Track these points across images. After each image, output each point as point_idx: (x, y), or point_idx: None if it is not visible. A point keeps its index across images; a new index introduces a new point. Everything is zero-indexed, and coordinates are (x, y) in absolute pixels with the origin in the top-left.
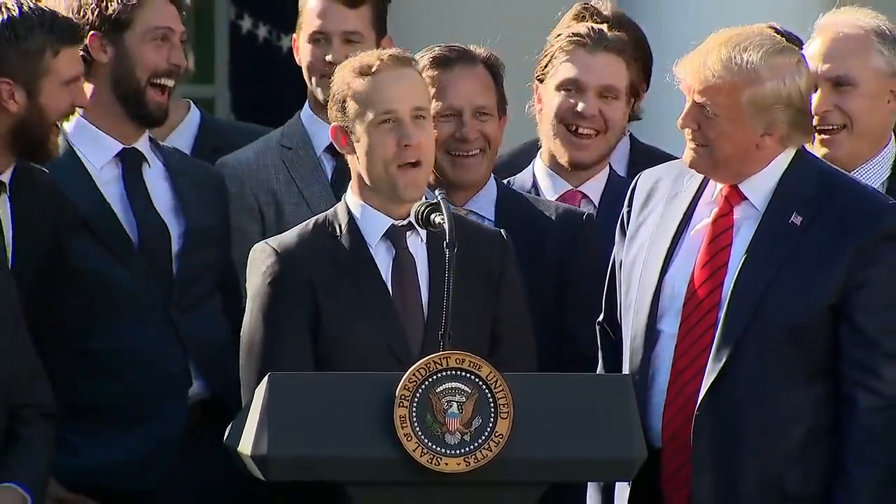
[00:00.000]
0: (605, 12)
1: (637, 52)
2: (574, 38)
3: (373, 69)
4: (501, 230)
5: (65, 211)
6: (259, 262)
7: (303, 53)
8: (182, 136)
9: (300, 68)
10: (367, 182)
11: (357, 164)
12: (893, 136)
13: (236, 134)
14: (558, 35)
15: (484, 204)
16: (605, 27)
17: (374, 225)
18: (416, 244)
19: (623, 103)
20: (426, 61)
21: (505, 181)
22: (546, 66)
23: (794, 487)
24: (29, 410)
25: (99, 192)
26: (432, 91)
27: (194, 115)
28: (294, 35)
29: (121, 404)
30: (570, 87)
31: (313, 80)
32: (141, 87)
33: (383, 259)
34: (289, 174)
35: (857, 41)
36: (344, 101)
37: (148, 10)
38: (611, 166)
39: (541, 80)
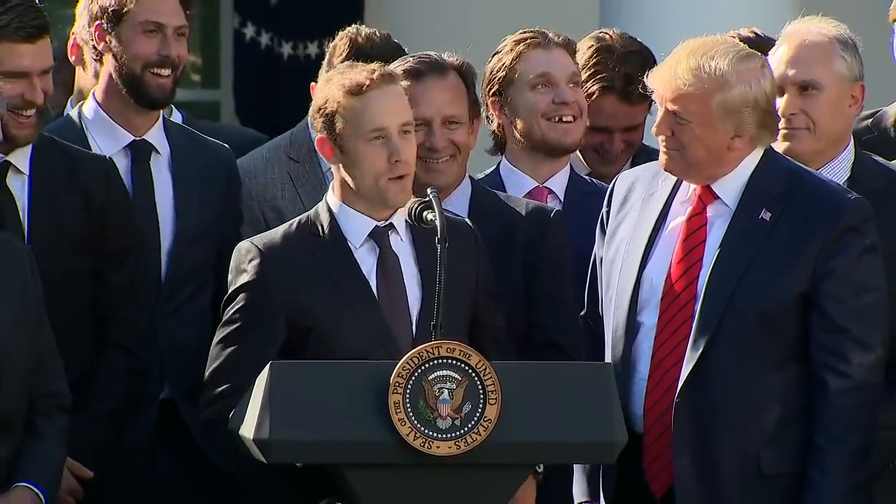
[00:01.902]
0: (618, 49)
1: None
2: (529, 41)
3: (363, 88)
4: (466, 219)
5: (112, 195)
6: (244, 260)
7: None
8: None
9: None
10: (355, 189)
11: (343, 172)
12: (852, 139)
13: (217, 135)
14: (504, 45)
15: (459, 202)
16: (620, 70)
17: (357, 227)
18: (398, 244)
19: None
20: (399, 73)
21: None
22: (504, 78)
23: (770, 467)
24: (47, 400)
25: None
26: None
27: (176, 117)
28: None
29: None
30: (543, 82)
31: None
32: (137, 75)
33: (367, 259)
34: (294, 189)
35: (821, 48)
36: (332, 116)
37: (142, 2)
38: (571, 164)
39: (498, 94)
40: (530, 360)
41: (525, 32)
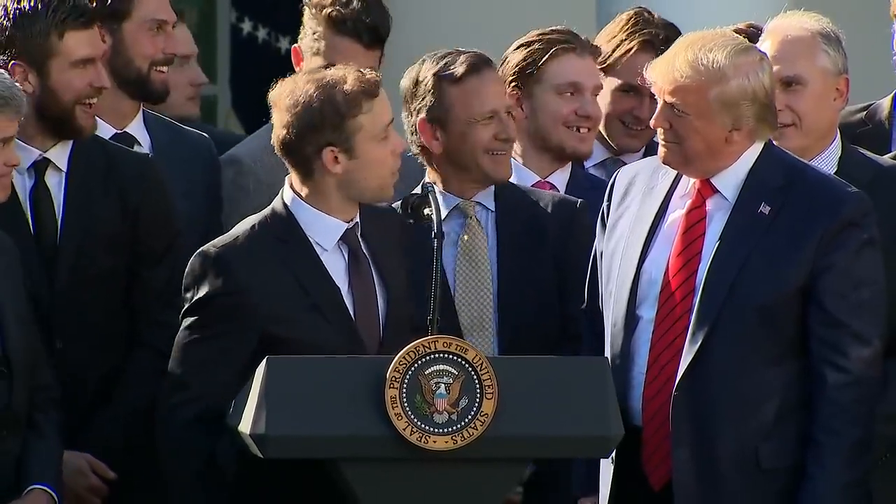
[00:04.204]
0: (657, 19)
1: None
2: (563, 44)
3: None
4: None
5: (148, 196)
6: (210, 269)
7: None
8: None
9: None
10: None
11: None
12: (839, 133)
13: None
14: (537, 40)
15: (485, 194)
16: (660, 34)
17: (326, 229)
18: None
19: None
20: (461, 69)
21: None
22: (532, 75)
23: (768, 461)
24: (40, 394)
25: None
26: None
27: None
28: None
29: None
30: (572, 90)
31: None
32: (143, 73)
33: (337, 262)
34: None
35: (804, 43)
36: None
37: (144, 1)
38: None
39: (520, 88)
40: (563, 352)
41: (559, 32)
